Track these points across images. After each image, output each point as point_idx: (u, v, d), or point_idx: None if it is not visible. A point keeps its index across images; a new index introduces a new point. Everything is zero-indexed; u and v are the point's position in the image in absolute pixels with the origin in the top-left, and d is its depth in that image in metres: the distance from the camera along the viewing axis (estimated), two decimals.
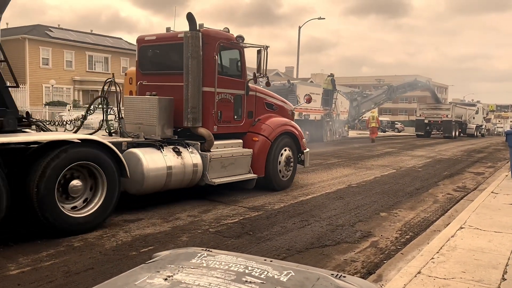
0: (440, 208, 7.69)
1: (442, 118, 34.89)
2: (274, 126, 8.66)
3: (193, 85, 7.23)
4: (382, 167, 13.27)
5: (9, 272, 4.12)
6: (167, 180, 6.79)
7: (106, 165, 5.71)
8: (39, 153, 5.26)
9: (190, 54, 7.14)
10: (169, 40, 7.96)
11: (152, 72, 8.21)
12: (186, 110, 7.29)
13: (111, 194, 5.75)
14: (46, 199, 5.06)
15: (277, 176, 8.64)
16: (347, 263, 4.72)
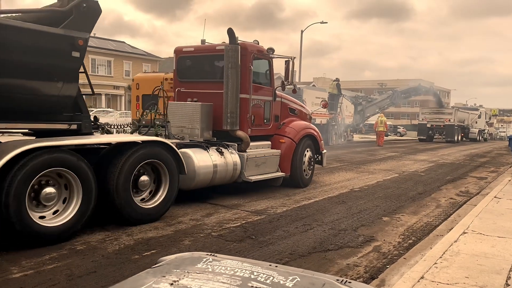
0: (443, 213, 7.67)
1: (445, 122, 34.84)
2: (298, 129, 9.57)
3: (232, 92, 8.04)
4: (385, 171, 13.25)
5: (12, 275, 4.12)
6: (213, 176, 7.61)
7: (169, 162, 6.51)
8: (114, 153, 6.02)
9: (230, 64, 7.98)
10: (207, 52, 8.83)
11: (189, 80, 8.97)
12: (225, 114, 8.09)
13: (172, 188, 6.55)
14: (123, 193, 5.83)
15: (302, 174, 9.55)
16: (349, 268, 4.71)
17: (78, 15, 5.57)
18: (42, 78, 5.49)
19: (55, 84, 5.57)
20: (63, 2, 5.77)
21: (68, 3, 5.64)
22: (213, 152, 7.71)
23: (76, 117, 6.07)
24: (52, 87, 5.56)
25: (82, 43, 5.65)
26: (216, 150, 7.81)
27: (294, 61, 9.04)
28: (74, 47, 5.59)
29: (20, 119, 5.59)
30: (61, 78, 5.60)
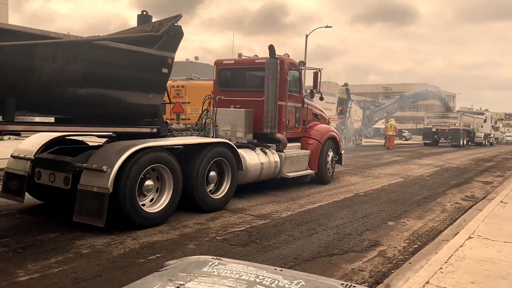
0: (448, 218, 7.64)
1: (450, 126, 34.72)
2: (323, 132, 10.89)
3: (272, 100, 9.17)
4: (390, 175, 13.21)
5: (18, 279, 4.15)
6: (260, 173, 8.73)
7: (231, 160, 7.71)
8: (190, 152, 7.10)
9: (270, 76, 9.12)
10: (247, 64, 10.15)
11: (229, 89, 10.11)
12: (266, 119, 9.21)
13: (233, 182, 7.76)
14: (201, 187, 7.04)
15: (326, 172, 10.79)
16: (354, 272, 4.70)
17: (168, 38, 6.61)
18: (138, 90, 6.50)
19: (147, 95, 6.64)
20: (154, 27, 6.83)
21: (158, 27, 6.69)
22: (259, 152, 8.86)
23: (154, 122, 7.06)
24: (145, 97, 6.62)
25: (170, 61, 6.76)
26: (260, 150, 8.96)
27: (321, 72, 10.37)
28: (164, 64, 6.66)
29: (112, 124, 6.60)
30: (152, 90, 6.67)
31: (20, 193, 6.84)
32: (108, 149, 6.20)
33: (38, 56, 5.19)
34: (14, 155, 7.00)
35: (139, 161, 5.97)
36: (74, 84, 5.65)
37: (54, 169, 6.41)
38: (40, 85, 5.31)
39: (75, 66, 5.55)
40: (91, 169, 5.79)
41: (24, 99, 5.30)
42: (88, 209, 5.73)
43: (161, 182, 6.47)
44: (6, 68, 4.94)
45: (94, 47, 5.79)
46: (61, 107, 5.91)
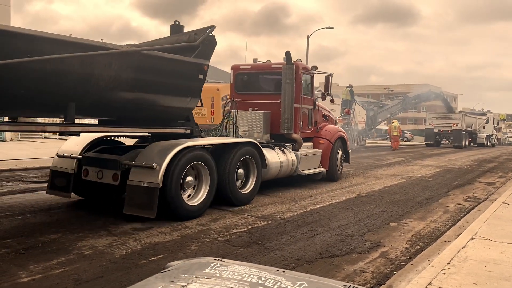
0: (450, 219, 7.62)
1: (452, 127, 34.68)
2: (333, 132, 11.63)
3: (288, 102, 9.80)
4: (392, 176, 13.20)
5: (20, 280, 4.15)
6: (279, 171, 9.37)
7: (256, 158, 8.39)
8: (220, 151, 7.74)
9: (287, 80, 9.75)
10: (263, 69, 10.86)
11: (245, 92, 10.73)
12: (283, 120, 9.83)
13: (258, 178, 8.44)
14: (232, 183, 7.71)
15: (336, 170, 11.53)
16: (356, 274, 4.69)
17: (204, 47, 7.21)
18: (177, 94, 7.10)
19: (185, 99, 7.26)
20: (190, 36, 7.42)
21: (194, 37, 7.31)
22: (278, 151, 9.52)
23: (187, 123, 7.64)
24: (183, 101, 7.25)
25: (206, 68, 7.35)
26: (279, 149, 9.62)
27: (332, 76, 11.02)
28: (200, 71, 7.25)
29: (151, 126, 7.22)
30: (189, 94, 7.28)
31: (67, 189, 7.37)
32: (154, 148, 6.72)
33: (96, 65, 5.73)
34: (59, 155, 7.53)
35: (183, 158, 6.63)
36: (125, 89, 6.23)
37: (102, 166, 7.00)
38: (96, 90, 5.86)
39: (126, 74, 6.14)
40: (140, 166, 6.43)
41: (82, 104, 5.81)
42: (138, 203, 6.35)
43: (198, 179, 7.13)
44: (68, 76, 5.48)
45: (143, 56, 6.38)
46: (110, 110, 6.50)
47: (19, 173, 11.08)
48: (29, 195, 8.26)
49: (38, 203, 7.56)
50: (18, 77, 5.01)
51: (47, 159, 13.96)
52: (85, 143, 7.51)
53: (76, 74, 5.54)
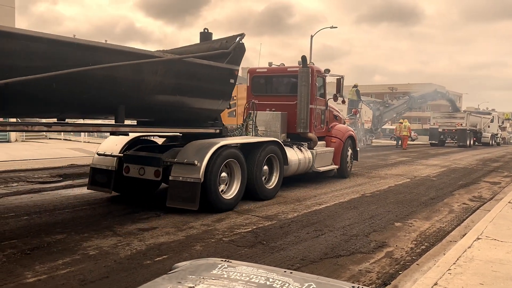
0: (456, 218, 7.59)
1: (457, 126, 34.52)
2: (343, 131, 12.27)
3: (304, 103, 10.42)
4: (396, 176, 13.15)
5: (26, 280, 4.16)
6: (298, 168, 9.96)
7: (279, 156, 9.02)
8: (247, 149, 8.25)
9: (303, 82, 10.37)
10: (279, 72, 11.44)
11: (262, 94, 11.32)
12: (299, 120, 10.47)
13: (281, 175, 9.08)
14: (259, 178, 8.34)
15: (346, 167, 12.18)
16: (362, 274, 4.67)
17: (235, 53, 7.79)
18: (211, 97, 7.72)
19: (217, 102, 7.89)
20: (222, 44, 7.97)
21: (225, 44, 7.88)
22: (296, 149, 10.10)
23: (216, 124, 8.24)
24: (215, 103, 7.88)
25: (236, 73, 8.00)
26: (297, 147, 10.19)
27: (343, 79, 11.61)
28: (231, 75, 7.87)
29: (184, 126, 7.79)
30: (221, 97, 7.91)
31: (108, 185, 8.01)
32: (192, 147, 7.32)
33: (145, 72, 6.35)
34: (100, 153, 8.18)
35: (220, 156, 7.28)
36: (167, 93, 6.85)
37: (144, 163, 7.60)
38: (143, 94, 6.49)
39: (169, 79, 6.76)
40: (182, 163, 7.04)
41: (131, 106, 6.42)
42: (181, 196, 6.94)
43: (230, 175, 7.73)
44: (121, 82, 6.07)
45: (184, 63, 6.97)
46: (151, 112, 7.08)
47: (24, 174, 11.12)
48: (34, 196, 8.29)
49: (43, 203, 7.58)
50: (82, 84, 5.59)
51: (52, 160, 14.01)
52: (124, 142, 8.12)
53: (128, 80, 6.17)
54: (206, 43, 8.35)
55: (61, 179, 10.48)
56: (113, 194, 8.20)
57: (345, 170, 12.12)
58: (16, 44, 4.92)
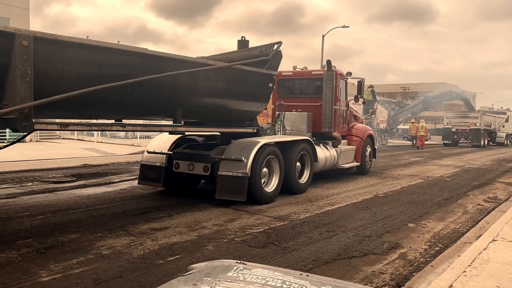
0: (470, 219, 7.49)
1: (470, 126, 34.06)
2: (363, 130, 13.15)
3: (329, 104, 11.18)
4: (409, 176, 13.03)
5: (41, 279, 4.21)
6: (324, 164, 10.68)
7: (310, 153, 9.74)
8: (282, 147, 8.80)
9: (328, 85, 11.14)
10: (304, 75, 12.26)
11: (287, 96, 12.01)
12: (324, 120, 11.21)
13: (311, 171, 9.81)
14: (294, 174, 9.03)
15: (365, 164, 12.99)
16: (375, 275, 4.63)
17: (273, 60, 8.57)
18: (252, 100, 8.58)
19: (257, 104, 8.74)
20: (261, 51, 8.73)
21: (264, 52, 8.66)
22: (322, 147, 10.77)
23: (253, 124, 9.10)
24: (255, 105, 8.73)
25: (275, 77, 8.89)
26: (323, 146, 10.86)
27: (364, 81, 12.44)
28: (270, 80, 8.69)
29: (226, 126, 8.60)
30: (261, 100, 8.76)
31: (158, 180, 8.81)
32: (238, 145, 8.06)
33: (200, 78, 7.12)
34: (150, 151, 8.98)
35: (263, 153, 8.02)
36: (216, 97, 7.63)
37: (193, 160, 8.35)
38: (197, 98, 7.32)
39: (219, 84, 7.56)
40: (230, 159, 7.78)
41: (185, 109, 7.20)
42: (230, 189, 7.69)
43: (270, 170, 8.43)
44: (180, 87, 6.87)
45: (231, 70, 7.69)
46: (200, 114, 7.87)
47: (39, 174, 11.26)
48: (49, 195, 8.39)
49: (57, 203, 7.67)
50: (151, 89, 6.32)
51: (65, 160, 14.16)
52: (171, 141, 8.94)
53: (186, 85, 6.97)
54: (245, 50, 9.18)
55: (75, 179, 10.59)
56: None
57: (365, 167, 12.89)
58: (102, 55, 5.72)
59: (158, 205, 7.74)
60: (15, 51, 4.78)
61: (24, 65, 4.84)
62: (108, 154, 17.18)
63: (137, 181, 9.29)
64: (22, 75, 4.85)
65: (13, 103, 4.83)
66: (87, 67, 5.56)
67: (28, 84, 4.89)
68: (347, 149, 12.01)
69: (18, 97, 4.84)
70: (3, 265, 4.54)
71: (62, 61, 5.31)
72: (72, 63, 5.41)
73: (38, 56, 4.99)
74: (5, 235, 5.64)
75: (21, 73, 4.84)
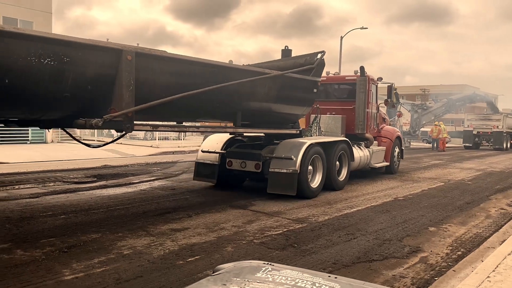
0: (493, 224, 7.34)
1: (492, 129, 33.37)
2: (392, 132, 14.14)
3: (362, 108, 11.85)
4: (430, 179, 12.84)
5: (64, 277, 4.28)
6: (359, 164, 11.46)
7: (347, 153, 10.57)
8: (326, 147, 9.63)
9: (361, 90, 11.82)
10: (338, 80, 13.00)
11: (321, 100, 12.17)
12: (357, 123, 11.86)
13: (349, 169, 10.62)
14: (334, 171, 9.92)
15: (394, 164, 13.91)
16: (396, 279, 4.58)
17: (318, 68, 9.39)
18: (299, 104, 9.41)
19: (302, 108, 9.63)
20: (306, 60, 9.54)
21: (309, 60, 9.43)
22: (357, 148, 11.49)
23: (295, 126, 9.94)
24: (300, 109, 9.63)
25: (319, 84, 9.75)
26: (357, 146, 11.56)
27: (394, 86, 13.41)
28: (315, 86, 9.56)
29: (273, 127, 9.39)
30: (305, 104, 9.64)
31: (213, 176, 9.72)
32: (287, 145, 8.91)
33: (258, 85, 8.03)
34: (204, 150, 9.89)
35: (309, 152, 8.86)
36: (270, 101, 8.53)
37: (245, 158, 9.24)
38: (254, 103, 8.23)
39: (273, 91, 8.41)
40: (281, 158, 8.65)
41: (244, 113, 8.09)
42: (280, 184, 8.57)
43: (314, 168, 9.24)
44: (241, 94, 7.75)
45: (284, 77, 8.52)
46: (253, 116, 8.59)
47: (61, 174, 11.47)
48: (70, 196, 8.54)
49: (79, 203, 7.80)
50: (220, 95, 7.12)
51: (86, 160, 14.39)
52: (223, 141, 9.83)
53: (246, 92, 7.85)
54: (290, 58, 10.06)
55: (95, 179, 10.75)
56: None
57: (393, 167, 13.80)
58: (184, 67, 6.64)
59: (177, 206, 7.80)
60: (122, 64, 5.56)
61: (128, 76, 5.62)
62: (127, 155, 17.40)
63: (192, 178, 10.20)
64: (127, 85, 5.62)
65: (119, 108, 5.59)
66: (172, 77, 6.46)
67: (131, 92, 5.67)
68: (378, 150, 12.80)
69: (124, 103, 5.61)
70: (28, 263, 4.64)
71: (154, 72, 6.18)
72: (162, 74, 6.29)
73: (137, 68, 5.76)
74: (30, 234, 5.76)
75: (126, 82, 5.61)
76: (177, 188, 9.89)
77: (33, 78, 4.92)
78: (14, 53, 4.71)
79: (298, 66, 9.35)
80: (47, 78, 5.02)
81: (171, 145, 22.79)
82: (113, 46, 5.65)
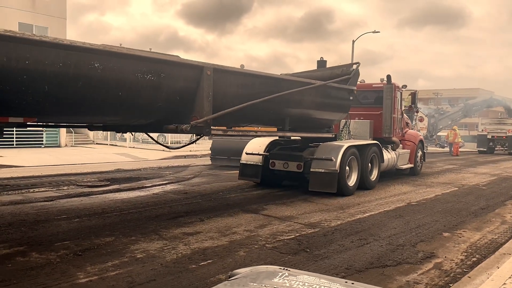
0: (509, 230, 7.22)
1: (507, 133, 32.86)
2: (415, 136, 15.03)
3: (388, 113, 12.72)
4: (443, 184, 12.70)
5: (78, 280, 4.33)
6: (387, 165, 12.19)
7: (378, 155, 11.40)
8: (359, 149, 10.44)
9: (388, 96, 12.70)
10: (365, 88, 13.52)
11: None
12: (385, 127, 12.70)
13: (379, 170, 11.47)
14: (367, 172, 10.77)
15: (417, 166, 14.72)
16: (409, 285, 4.53)
17: (353, 77, 10.31)
18: (336, 111, 10.25)
19: (339, 114, 10.48)
20: (343, 70, 10.41)
21: (346, 70, 10.36)
22: (385, 150, 12.12)
23: (330, 130, 10.79)
24: (337, 115, 10.49)
25: (355, 92, 10.44)
26: (385, 149, 12.19)
27: (418, 93, 15.21)
28: (351, 94, 10.34)
29: (311, 131, 10.33)
30: (342, 111, 10.50)
31: (256, 175, 10.67)
32: (326, 147, 9.80)
33: (304, 94, 8.83)
34: (248, 153, 10.82)
35: (347, 154, 9.75)
36: (313, 109, 9.35)
37: (288, 159, 10.12)
38: (300, 110, 9.03)
39: (316, 99, 9.32)
40: (321, 159, 9.54)
41: (291, 118, 8.93)
42: (321, 183, 9.47)
43: (350, 168, 10.07)
44: (289, 102, 8.50)
45: (325, 87, 9.41)
46: (297, 121, 9.30)
47: (74, 178, 11.59)
48: (84, 199, 8.62)
49: (92, 206, 7.87)
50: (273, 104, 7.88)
51: (99, 164, 14.53)
52: (266, 144, 10.77)
53: (294, 100, 8.64)
54: (327, 69, 10.96)
55: (109, 183, 10.84)
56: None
57: (416, 169, 14.66)
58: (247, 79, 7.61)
59: (190, 210, 7.84)
60: (203, 78, 6.47)
61: (208, 88, 6.52)
62: (140, 159, 17.52)
63: (237, 177, 11.11)
64: (207, 95, 6.51)
65: (200, 116, 6.48)
66: (239, 88, 7.37)
67: (210, 102, 6.58)
68: (403, 152, 13.67)
69: (204, 111, 6.49)
70: (43, 265, 4.70)
71: (226, 85, 7.04)
72: (231, 86, 7.23)
73: (214, 81, 6.63)
74: (44, 237, 5.83)
75: (206, 94, 6.50)
76: (189, 192, 9.93)
77: (137, 90, 5.80)
78: (125, 71, 5.62)
79: (335, 76, 10.13)
80: (148, 90, 5.92)
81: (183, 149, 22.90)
82: (197, 63, 6.55)
